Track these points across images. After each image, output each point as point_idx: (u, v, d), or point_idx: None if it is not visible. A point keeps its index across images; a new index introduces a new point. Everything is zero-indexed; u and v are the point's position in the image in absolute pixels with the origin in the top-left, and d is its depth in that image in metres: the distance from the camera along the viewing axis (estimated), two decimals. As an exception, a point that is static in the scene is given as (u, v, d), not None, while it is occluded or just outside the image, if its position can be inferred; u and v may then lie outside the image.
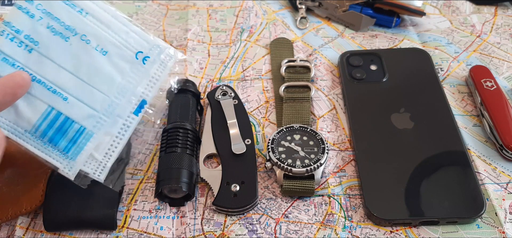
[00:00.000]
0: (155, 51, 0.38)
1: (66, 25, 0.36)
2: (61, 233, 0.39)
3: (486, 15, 0.57)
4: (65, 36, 0.36)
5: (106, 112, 0.36)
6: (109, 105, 0.36)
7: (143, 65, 0.37)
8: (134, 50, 0.37)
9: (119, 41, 0.37)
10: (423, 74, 0.49)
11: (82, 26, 0.37)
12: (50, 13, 0.36)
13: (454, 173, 0.40)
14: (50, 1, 0.36)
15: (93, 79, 0.36)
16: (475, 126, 0.45)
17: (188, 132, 0.42)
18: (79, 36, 0.36)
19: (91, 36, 0.37)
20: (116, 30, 0.37)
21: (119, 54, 0.37)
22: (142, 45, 0.38)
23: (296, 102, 0.46)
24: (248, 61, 0.53)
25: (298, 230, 0.38)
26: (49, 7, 0.36)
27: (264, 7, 0.59)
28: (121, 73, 0.37)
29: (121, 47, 0.37)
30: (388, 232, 0.38)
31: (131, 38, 0.38)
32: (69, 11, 0.37)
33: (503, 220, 0.38)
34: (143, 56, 0.37)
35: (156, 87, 0.38)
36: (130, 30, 0.38)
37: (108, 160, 0.37)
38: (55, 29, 0.36)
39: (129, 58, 0.37)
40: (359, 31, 0.56)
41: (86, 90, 0.36)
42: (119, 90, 0.37)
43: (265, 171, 0.42)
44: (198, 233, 0.38)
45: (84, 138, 0.36)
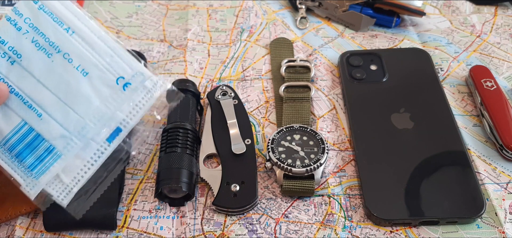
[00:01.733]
0: (138, 78, 0.36)
1: (51, 41, 0.36)
2: (61, 233, 0.39)
3: (486, 15, 0.57)
4: (49, 52, 0.36)
5: (78, 134, 0.35)
6: (83, 127, 0.35)
7: (123, 91, 0.36)
8: (116, 75, 0.36)
9: (102, 64, 0.36)
10: (423, 74, 0.49)
11: (67, 45, 0.36)
12: (37, 28, 0.36)
13: (454, 173, 0.40)
14: (38, 16, 0.36)
15: (70, 99, 0.35)
16: (475, 126, 0.45)
17: (188, 132, 0.42)
18: (62, 54, 0.36)
19: (74, 56, 0.36)
20: (100, 52, 0.36)
21: (100, 77, 0.36)
22: (125, 70, 0.36)
23: (296, 102, 0.46)
24: (248, 61, 0.53)
25: (298, 230, 0.38)
26: (37, 22, 0.36)
27: (264, 7, 0.59)
28: (100, 96, 0.36)
29: (103, 70, 0.36)
30: (388, 232, 0.38)
31: (115, 62, 0.36)
32: (56, 28, 0.36)
33: (503, 220, 0.38)
34: (124, 82, 0.36)
35: (138, 116, 0.36)
36: (115, 54, 0.36)
37: (76, 184, 0.35)
38: (40, 44, 0.36)
39: (110, 83, 0.36)
40: (359, 31, 0.56)
41: (62, 109, 0.35)
42: (96, 114, 0.35)
43: (265, 171, 0.42)
44: (198, 233, 0.38)
45: (52, 158, 0.35)
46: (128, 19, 0.59)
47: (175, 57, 0.53)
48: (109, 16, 0.59)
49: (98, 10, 0.60)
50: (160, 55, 0.54)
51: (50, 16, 0.36)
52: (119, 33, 0.57)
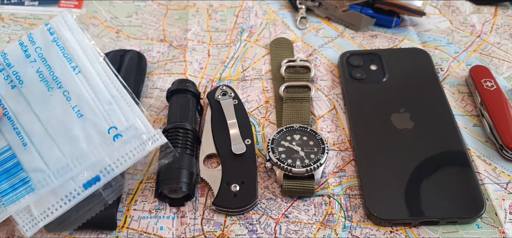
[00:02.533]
0: (131, 132, 0.36)
1: (55, 75, 0.36)
2: (61, 233, 0.38)
3: (486, 15, 0.57)
4: (50, 85, 0.36)
5: (57, 172, 0.35)
6: (63, 167, 0.35)
7: (112, 142, 0.35)
8: (110, 123, 0.35)
9: (99, 110, 0.36)
10: (423, 74, 0.49)
11: (69, 83, 0.36)
12: (45, 59, 0.36)
13: (454, 173, 0.40)
14: (50, 48, 0.36)
15: (58, 136, 0.35)
16: (475, 126, 0.45)
17: (188, 132, 0.42)
18: (63, 90, 0.36)
19: (73, 95, 0.36)
20: (100, 97, 0.36)
21: (93, 122, 0.35)
22: (120, 121, 0.36)
23: (296, 102, 0.46)
24: (248, 61, 0.53)
25: (298, 230, 0.38)
26: (47, 54, 0.36)
27: (264, 7, 0.59)
28: (89, 141, 0.35)
29: (99, 116, 0.35)
30: (388, 232, 0.38)
31: (112, 111, 0.36)
32: (63, 64, 0.36)
33: (503, 220, 0.38)
34: (116, 133, 0.35)
35: (125, 165, 0.36)
36: (115, 103, 0.36)
37: (44, 219, 0.35)
38: (43, 76, 0.36)
39: (102, 130, 0.35)
40: (359, 31, 0.56)
41: (48, 144, 0.35)
42: (79, 157, 0.35)
43: (265, 171, 0.42)
44: (198, 233, 0.38)
45: (25, 190, 0.35)
46: (128, 18, 0.59)
47: (175, 57, 0.53)
48: (109, 16, 0.59)
49: (98, 10, 0.60)
50: (160, 55, 0.54)
51: (61, 50, 0.36)
52: (118, 32, 0.57)
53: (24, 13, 0.59)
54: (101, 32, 0.57)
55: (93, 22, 0.58)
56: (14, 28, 0.57)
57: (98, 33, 0.57)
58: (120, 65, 0.50)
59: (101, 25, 0.58)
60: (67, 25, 0.37)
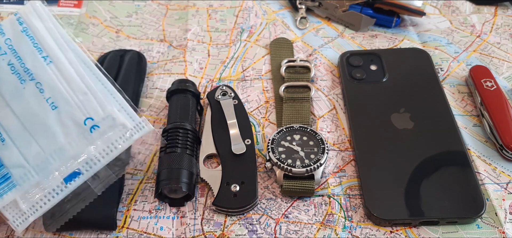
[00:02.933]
0: (108, 122, 0.35)
1: (26, 67, 0.35)
2: (61, 233, 0.38)
3: (486, 15, 0.57)
4: (22, 78, 0.35)
5: (37, 167, 0.34)
6: (43, 161, 0.34)
7: (89, 133, 0.34)
8: (86, 114, 0.34)
9: (74, 100, 0.34)
10: (423, 74, 0.49)
11: (41, 74, 0.35)
12: (16, 51, 0.35)
13: (454, 173, 0.40)
14: (20, 39, 0.35)
15: (35, 130, 0.34)
16: (475, 126, 0.45)
17: (188, 132, 0.42)
18: (35, 82, 0.34)
19: (46, 86, 0.34)
20: (74, 88, 0.35)
21: (69, 113, 0.34)
22: (96, 112, 0.34)
23: (296, 102, 0.46)
24: (248, 61, 0.53)
25: (298, 230, 0.38)
26: (17, 45, 0.35)
27: (264, 7, 0.59)
28: (66, 134, 0.34)
29: (74, 107, 0.34)
30: (388, 232, 0.38)
31: (87, 101, 0.34)
32: (34, 55, 0.35)
33: (503, 220, 0.38)
34: (92, 124, 0.34)
35: (109, 157, 0.35)
36: (90, 92, 0.35)
37: (33, 213, 0.34)
38: (15, 68, 0.35)
39: (78, 121, 0.34)
40: (359, 31, 0.56)
41: (25, 139, 0.34)
42: (57, 151, 0.34)
43: (265, 171, 0.42)
44: (198, 233, 0.38)
45: (7, 186, 0.34)
46: (127, 18, 0.59)
47: (175, 57, 0.53)
48: (109, 16, 0.59)
49: (98, 9, 0.60)
50: (160, 55, 0.54)
51: (31, 41, 0.35)
52: (118, 32, 0.57)
53: (24, 13, 0.59)
54: (101, 32, 0.57)
55: (92, 21, 0.58)
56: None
57: (97, 32, 0.57)
58: (120, 65, 0.50)
59: (101, 25, 0.58)
60: (36, 13, 0.36)
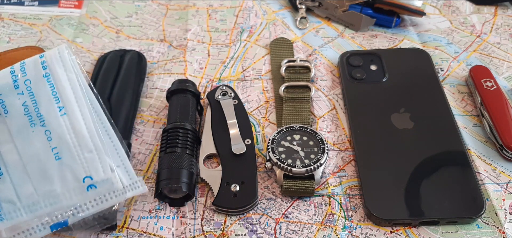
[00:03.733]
0: (106, 185, 0.35)
1: (40, 113, 0.35)
2: (60, 233, 0.38)
3: (486, 15, 0.57)
4: (33, 121, 0.35)
5: (27, 208, 0.34)
6: (33, 203, 0.34)
7: (86, 191, 0.34)
8: (87, 172, 0.34)
9: (79, 156, 0.35)
10: (423, 74, 0.49)
11: (53, 122, 0.35)
12: (33, 94, 0.35)
13: (454, 173, 0.40)
14: (40, 83, 0.35)
15: (34, 172, 0.34)
16: (475, 126, 0.45)
17: (188, 132, 0.42)
18: (45, 129, 0.35)
19: (55, 135, 0.35)
20: (82, 144, 0.35)
21: (71, 167, 0.34)
22: (97, 172, 0.35)
23: (296, 102, 0.46)
24: (248, 61, 0.53)
25: (298, 230, 0.38)
26: (35, 88, 0.35)
27: (264, 7, 0.59)
28: (63, 184, 0.34)
29: (77, 162, 0.34)
30: (388, 232, 0.38)
31: (91, 160, 0.35)
32: (50, 102, 0.35)
33: (503, 220, 0.38)
34: (90, 183, 0.34)
35: (98, 208, 0.35)
36: (96, 152, 0.35)
37: None
38: (28, 110, 0.35)
39: (78, 177, 0.34)
40: (359, 31, 0.56)
41: (22, 178, 0.34)
42: (51, 199, 0.34)
43: (265, 171, 0.42)
44: (198, 233, 0.38)
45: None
46: (128, 18, 0.59)
47: (175, 57, 0.53)
48: (109, 16, 0.59)
49: (98, 10, 0.60)
50: (160, 55, 0.54)
51: (51, 88, 0.35)
52: (118, 32, 0.57)
53: (24, 13, 0.59)
54: (101, 32, 0.57)
55: (93, 22, 0.58)
56: (14, 28, 0.57)
57: (98, 33, 0.57)
58: (120, 65, 0.50)
59: (101, 25, 0.58)
60: (61, 60, 0.36)
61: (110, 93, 0.47)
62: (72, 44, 0.37)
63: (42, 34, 0.56)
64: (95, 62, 0.52)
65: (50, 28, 0.57)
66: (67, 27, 0.57)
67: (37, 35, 0.56)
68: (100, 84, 0.48)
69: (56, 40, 0.55)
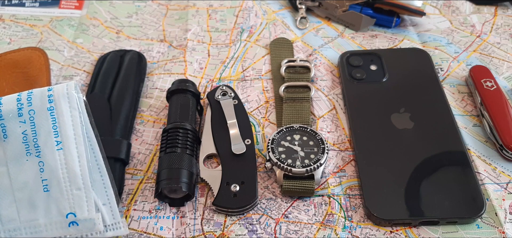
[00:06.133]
0: (88, 224, 0.35)
1: (37, 144, 0.35)
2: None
3: (486, 15, 0.57)
4: (29, 150, 0.35)
5: (7, 231, 0.35)
6: (14, 229, 0.35)
7: (67, 227, 0.35)
8: (72, 209, 0.35)
9: (67, 191, 0.35)
10: (423, 74, 0.49)
11: (48, 155, 0.35)
12: (34, 125, 0.35)
13: (454, 173, 0.40)
14: (42, 116, 0.35)
15: (21, 200, 0.35)
16: (475, 126, 0.45)
17: (188, 132, 0.42)
18: (39, 160, 0.35)
19: (47, 168, 0.35)
20: (72, 180, 0.35)
21: (57, 201, 0.35)
22: (82, 210, 0.35)
23: (296, 102, 0.46)
24: (248, 61, 0.53)
25: (298, 230, 0.38)
26: (38, 120, 0.35)
27: (264, 7, 0.59)
28: (46, 217, 0.35)
29: (65, 197, 0.35)
30: (388, 232, 0.38)
31: (78, 198, 0.35)
32: (49, 135, 0.35)
33: (503, 220, 0.38)
34: (72, 220, 0.35)
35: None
36: (84, 190, 0.35)
37: None
38: (27, 139, 0.35)
39: (62, 211, 0.35)
40: (359, 31, 0.56)
41: (9, 202, 0.35)
42: (32, 227, 0.35)
43: (265, 171, 0.42)
44: (198, 233, 0.38)
45: None
46: (128, 19, 0.59)
47: (175, 57, 0.53)
48: (109, 16, 0.59)
49: (98, 10, 0.60)
50: (160, 55, 0.54)
51: (52, 121, 0.35)
52: (119, 33, 0.57)
53: (25, 14, 0.59)
54: (102, 33, 0.57)
55: (93, 22, 0.58)
56: (15, 29, 0.57)
57: (98, 33, 0.57)
58: (120, 66, 0.50)
59: (101, 26, 0.58)
60: (68, 97, 0.36)
61: (110, 93, 0.47)
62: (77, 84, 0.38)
63: (43, 35, 0.56)
64: (95, 63, 0.52)
65: (50, 29, 0.57)
66: (67, 28, 0.57)
67: (37, 36, 0.56)
68: (100, 84, 0.48)
69: (56, 41, 0.56)
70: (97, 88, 0.47)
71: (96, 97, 0.46)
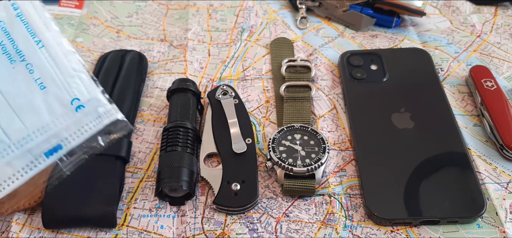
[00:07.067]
0: (93, 103, 0.36)
1: (19, 49, 0.36)
2: (60, 231, 0.38)
3: (486, 15, 0.57)
4: (13, 58, 0.36)
5: (17, 143, 0.34)
6: (24, 138, 0.34)
7: (75, 113, 0.36)
8: (72, 95, 0.36)
9: (62, 82, 0.36)
10: (423, 74, 0.49)
11: (33, 56, 0.36)
12: (9, 33, 0.36)
13: (454, 172, 0.40)
14: (14, 23, 0.36)
15: (21, 108, 0.35)
16: (475, 126, 0.45)
17: (189, 131, 0.42)
18: (25, 63, 0.36)
19: (36, 68, 0.36)
20: (63, 70, 0.36)
21: (56, 94, 0.36)
22: (82, 93, 0.36)
23: (297, 101, 0.46)
24: (248, 61, 0.53)
25: (299, 229, 0.38)
26: (10, 28, 0.36)
27: (264, 7, 0.59)
28: (51, 113, 0.35)
29: (61, 88, 0.36)
30: (389, 232, 0.38)
31: (75, 84, 0.36)
32: (27, 38, 0.36)
33: (503, 220, 0.38)
34: (78, 104, 0.36)
35: (82, 137, 0.36)
36: (77, 76, 0.37)
37: (0, 191, 0.34)
38: (6, 49, 0.36)
39: (65, 102, 0.36)
40: (359, 31, 0.56)
41: (9, 116, 0.35)
42: (41, 128, 0.35)
43: (265, 171, 0.42)
44: (199, 232, 0.38)
45: None
46: (128, 18, 0.59)
47: (176, 56, 0.53)
48: (109, 16, 0.59)
49: (98, 10, 0.60)
50: (160, 55, 0.54)
51: (25, 26, 0.36)
52: (119, 32, 0.57)
53: (24, 13, 0.59)
54: (102, 32, 0.57)
55: (93, 22, 0.58)
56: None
57: (98, 33, 0.57)
58: (121, 65, 0.50)
59: (101, 25, 0.58)
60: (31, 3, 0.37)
61: (111, 92, 0.47)
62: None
63: (43, 33, 0.56)
64: (95, 62, 0.52)
65: (50, 27, 0.57)
66: (67, 27, 0.57)
67: (37, 34, 0.56)
68: (101, 82, 0.47)
69: (56, 39, 0.55)
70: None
71: None
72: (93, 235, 0.38)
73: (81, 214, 0.37)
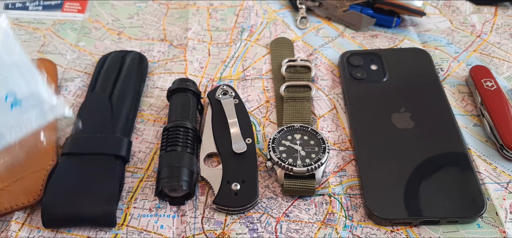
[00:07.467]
0: (31, 101, 0.32)
1: None
2: (59, 230, 0.38)
3: (486, 15, 0.57)
4: None
5: None
6: None
7: (9, 110, 0.31)
8: (8, 89, 0.31)
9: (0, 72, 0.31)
10: (423, 74, 0.49)
11: None
12: None
13: (454, 172, 0.40)
14: None
15: None
16: (475, 126, 0.45)
17: (189, 131, 0.42)
18: None
19: None
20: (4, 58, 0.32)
21: None
22: (20, 88, 0.32)
23: (297, 101, 0.46)
24: (248, 61, 0.53)
25: (299, 229, 0.38)
26: None
27: (264, 7, 0.59)
28: None
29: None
30: (389, 232, 0.38)
31: (12, 75, 0.32)
32: None
33: (503, 220, 0.38)
34: (13, 101, 0.32)
35: (21, 133, 0.32)
36: (17, 68, 0.32)
37: None
38: None
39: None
40: (359, 31, 0.56)
41: None
42: None
43: (265, 171, 0.42)
44: (199, 231, 0.38)
45: None
46: (129, 20, 0.59)
47: (176, 56, 0.53)
48: (111, 19, 0.59)
49: (100, 13, 0.60)
50: (161, 55, 0.54)
51: None
52: (120, 34, 0.57)
53: (28, 18, 0.59)
54: (103, 35, 0.57)
55: (95, 25, 0.58)
56: (18, 32, 0.57)
57: (100, 36, 0.57)
58: (121, 66, 0.50)
59: (103, 28, 0.58)
60: None
61: (111, 92, 0.47)
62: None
63: (46, 38, 0.56)
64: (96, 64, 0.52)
65: (53, 32, 0.57)
66: (70, 31, 0.57)
67: (41, 39, 0.56)
68: (101, 83, 0.48)
69: (59, 44, 0.55)
70: (98, 87, 0.47)
71: (97, 95, 0.46)
72: (92, 235, 0.38)
73: (80, 214, 0.37)
